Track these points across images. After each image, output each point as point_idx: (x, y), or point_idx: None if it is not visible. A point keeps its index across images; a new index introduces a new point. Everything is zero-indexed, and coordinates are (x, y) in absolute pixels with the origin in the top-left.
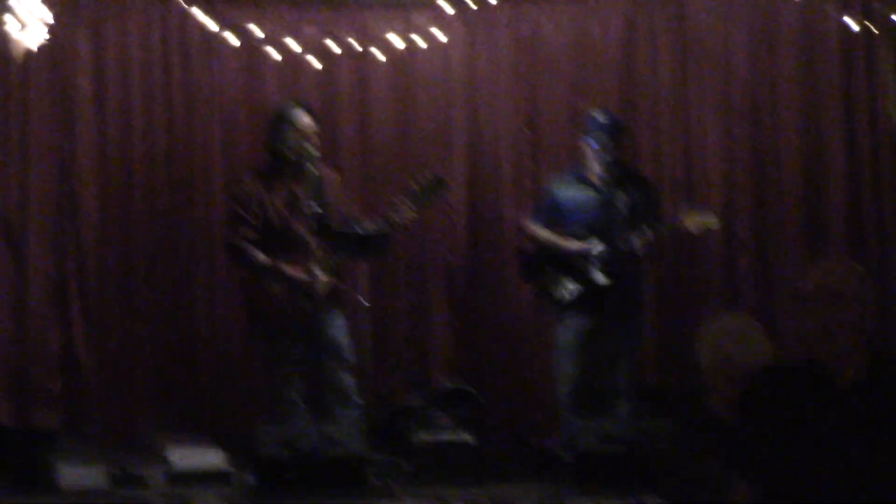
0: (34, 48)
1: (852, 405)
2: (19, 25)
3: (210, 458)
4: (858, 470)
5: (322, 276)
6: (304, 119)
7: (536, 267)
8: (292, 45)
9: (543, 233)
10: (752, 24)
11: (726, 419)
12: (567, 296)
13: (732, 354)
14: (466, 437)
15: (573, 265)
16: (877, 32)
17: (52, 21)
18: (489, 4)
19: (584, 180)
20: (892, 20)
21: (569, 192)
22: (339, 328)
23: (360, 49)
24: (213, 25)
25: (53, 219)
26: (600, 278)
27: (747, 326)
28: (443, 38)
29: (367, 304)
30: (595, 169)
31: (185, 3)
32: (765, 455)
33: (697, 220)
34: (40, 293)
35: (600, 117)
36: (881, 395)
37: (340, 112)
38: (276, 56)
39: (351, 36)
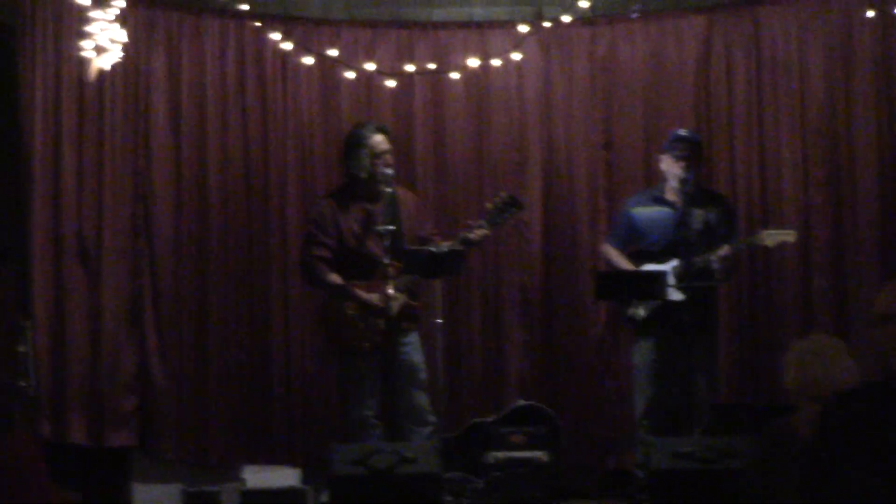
0: (109, 69)
1: None
2: (95, 46)
3: (284, 476)
4: None
5: (396, 296)
6: (380, 140)
7: (611, 286)
8: (367, 65)
9: (618, 258)
10: (828, 43)
11: (810, 439)
12: (643, 314)
13: (818, 375)
14: (540, 455)
15: (648, 284)
16: None
17: (127, 42)
18: (564, 24)
19: (660, 199)
20: None
21: (645, 211)
22: (412, 347)
23: (435, 69)
24: (288, 46)
25: (128, 238)
26: (676, 296)
27: (833, 348)
28: (518, 57)
29: (441, 322)
30: (671, 187)
31: (261, 24)
32: (847, 474)
33: (775, 236)
34: (115, 313)
35: (680, 132)
36: None
37: (415, 132)
38: (351, 76)
39: (426, 56)
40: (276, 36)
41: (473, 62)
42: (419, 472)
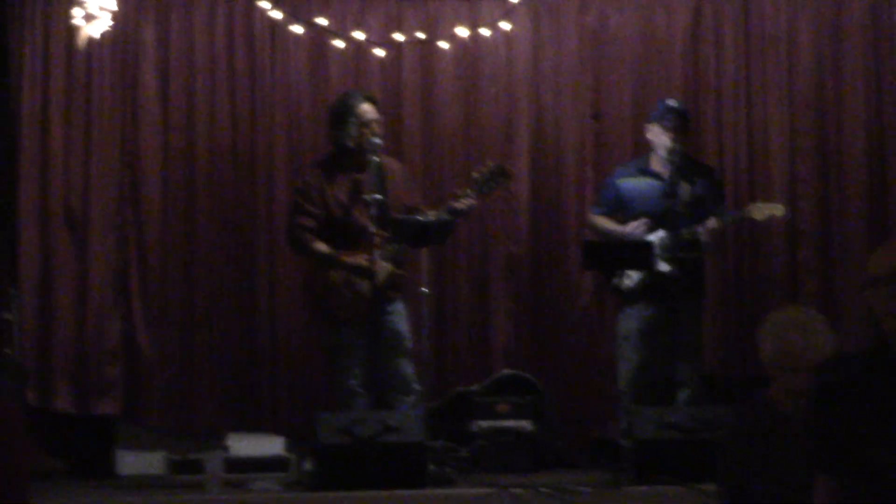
0: (98, 37)
1: None
2: (85, 14)
3: (269, 444)
4: None
5: (383, 265)
6: (368, 109)
7: (599, 256)
8: (357, 34)
9: (605, 223)
10: (818, 15)
11: (788, 410)
12: (629, 284)
13: (795, 346)
14: (525, 424)
15: (635, 254)
16: None
17: (117, 10)
18: None
19: (647, 170)
20: None
21: (632, 182)
22: (398, 316)
23: (425, 39)
24: (277, 15)
25: (115, 207)
26: (663, 267)
27: (811, 319)
28: (507, 27)
29: (427, 291)
30: (659, 158)
31: None
32: (841, 446)
33: (763, 209)
34: (101, 281)
35: (670, 103)
36: None
37: (404, 102)
38: (341, 46)
39: (416, 26)
40: (265, 5)
41: (463, 32)
42: (403, 440)
